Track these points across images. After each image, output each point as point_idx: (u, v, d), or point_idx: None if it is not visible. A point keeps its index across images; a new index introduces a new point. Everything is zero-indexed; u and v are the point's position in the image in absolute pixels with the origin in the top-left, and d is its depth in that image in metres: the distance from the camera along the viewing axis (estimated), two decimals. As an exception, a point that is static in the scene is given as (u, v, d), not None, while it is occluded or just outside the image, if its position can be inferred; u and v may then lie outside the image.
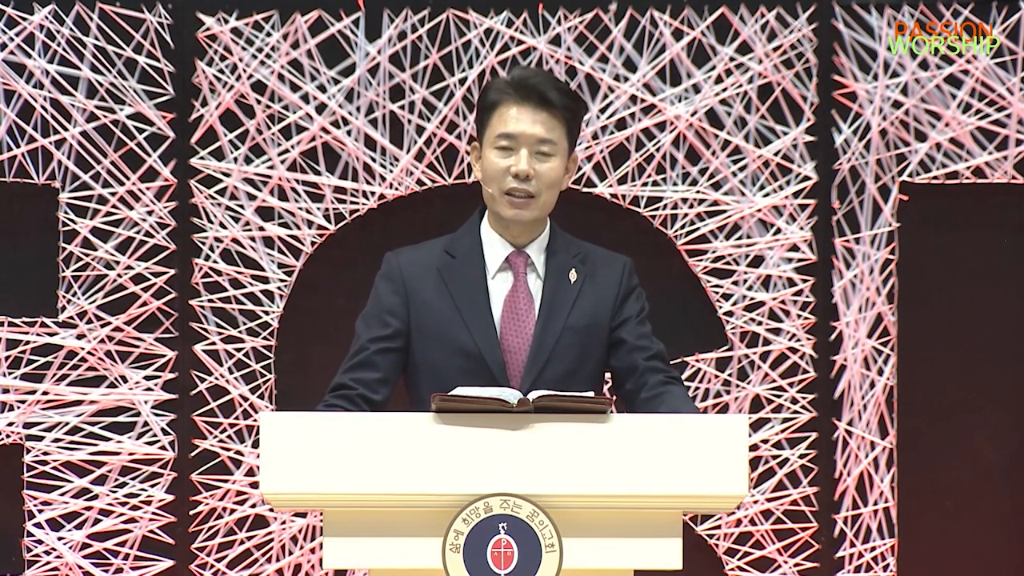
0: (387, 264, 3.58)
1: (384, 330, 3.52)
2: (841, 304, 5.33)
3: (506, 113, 3.49)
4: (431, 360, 3.50)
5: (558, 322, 3.50)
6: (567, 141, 3.51)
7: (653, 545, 3.03)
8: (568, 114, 3.50)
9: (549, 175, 3.49)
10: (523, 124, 3.48)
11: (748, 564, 5.33)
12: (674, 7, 5.31)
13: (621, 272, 3.59)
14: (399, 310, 3.52)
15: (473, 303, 3.50)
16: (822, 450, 5.33)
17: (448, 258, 3.55)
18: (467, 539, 2.98)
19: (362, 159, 5.30)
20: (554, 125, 3.49)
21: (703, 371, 5.33)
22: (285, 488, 3.00)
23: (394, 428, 3.01)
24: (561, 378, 3.44)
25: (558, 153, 3.50)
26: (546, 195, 3.50)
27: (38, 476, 5.25)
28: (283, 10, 5.28)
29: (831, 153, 5.34)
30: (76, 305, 5.24)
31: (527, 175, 3.48)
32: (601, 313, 3.54)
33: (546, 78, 3.51)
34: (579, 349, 3.51)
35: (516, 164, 3.47)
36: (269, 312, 5.29)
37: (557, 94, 3.49)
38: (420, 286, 3.53)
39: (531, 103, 3.48)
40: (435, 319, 3.50)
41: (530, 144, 3.48)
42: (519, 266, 3.54)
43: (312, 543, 5.30)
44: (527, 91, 3.48)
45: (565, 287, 3.53)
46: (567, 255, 3.56)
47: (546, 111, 3.48)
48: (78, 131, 5.25)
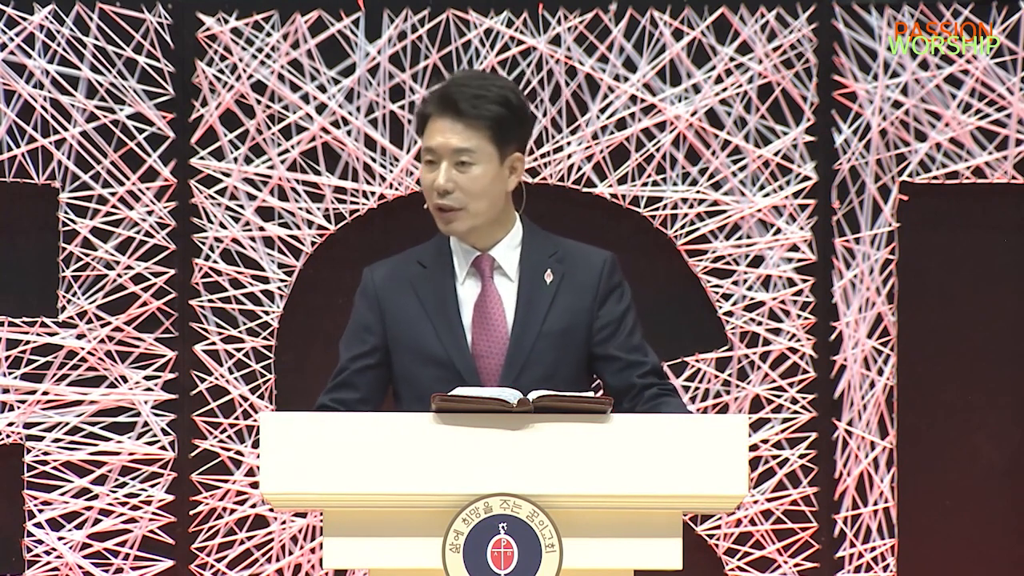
0: (364, 281, 3.55)
1: (362, 347, 3.50)
2: (841, 304, 5.33)
3: (431, 126, 3.43)
4: (408, 372, 3.47)
5: (533, 327, 3.44)
6: (493, 146, 3.41)
7: (653, 545, 3.03)
8: (488, 121, 3.40)
9: (472, 185, 3.41)
10: (440, 136, 3.41)
11: (748, 564, 5.33)
12: (674, 7, 5.31)
13: (600, 270, 3.49)
14: (375, 326, 3.50)
15: (442, 311, 3.46)
16: (822, 450, 5.33)
17: (420, 268, 3.50)
18: (467, 539, 2.98)
19: (362, 159, 5.30)
20: (471, 134, 3.40)
21: (703, 371, 5.33)
22: (285, 488, 3.00)
23: (394, 428, 3.01)
24: (538, 383, 3.33)
25: (480, 161, 3.41)
26: (475, 204, 3.42)
27: (38, 476, 5.25)
28: (283, 10, 5.28)
29: (831, 153, 5.34)
30: (76, 305, 5.24)
31: (444, 190, 3.41)
32: (579, 316, 3.47)
33: (464, 85, 3.43)
34: (556, 353, 3.44)
35: (436, 178, 3.42)
36: (269, 312, 5.29)
37: (471, 102, 3.40)
38: (393, 300, 3.50)
39: (449, 114, 3.41)
40: (407, 330, 3.47)
41: (448, 156, 3.41)
42: (485, 269, 3.48)
43: (312, 543, 5.30)
44: (443, 101, 3.42)
45: (540, 289, 3.46)
46: (542, 254, 3.49)
47: (462, 121, 3.40)
48: (78, 131, 5.25)
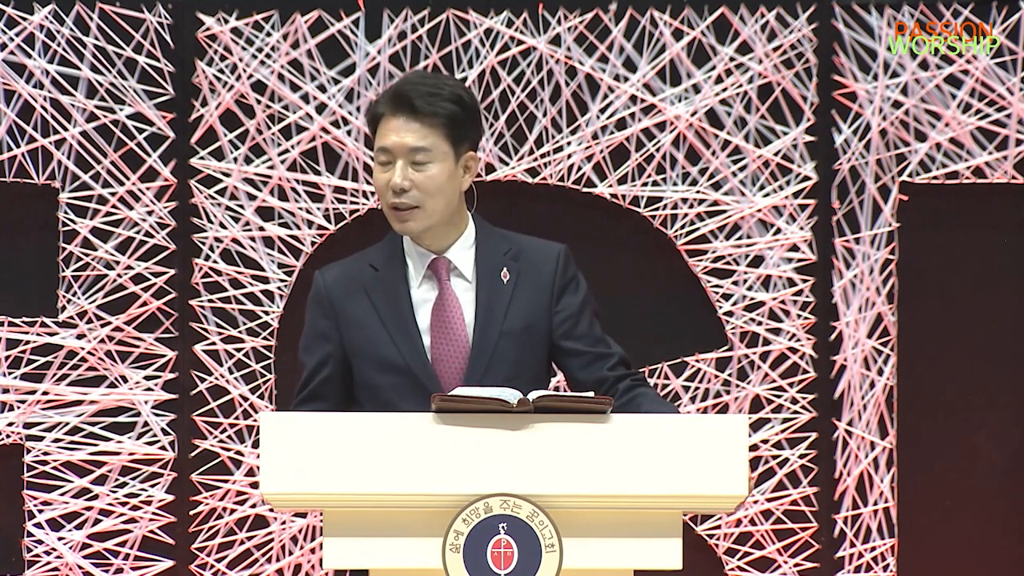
0: (315, 286, 3.53)
1: (321, 356, 3.49)
2: (841, 304, 5.33)
3: (384, 126, 3.42)
4: (367, 379, 3.46)
5: (494, 328, 3.43)
6: (448, 144, 3.41)
7: (653, 545, 3.03)
8: (443, 119, 3.41)
9: (428, 183, 3.40)
10: (395, 135, 3.41)
11: (748, 564, 5.33)
12: (674, 7, 5.31)
13: (555, 263, 3.49)
14: (331, 332, 3.49)
15: (398, 317, 3.44)
16: (822, 450, 5.33)
17: (372, 271, 3.48)
18: (467, 539, 2.98)
19: (362, 159, 5.30)
20: (427, 132, 3.40)
21: (703, 371, 5.33)
22: (285, 488, 3.00)
23: (394, 428, 3.01)
24: (501, 385, 3.29)
25: (436, 159, 3.41)
26: (431, 203, 3.41)
27: (38, 476, 5.25)
28: (283, 10, 5.28)
29: (831, 153, 5.34)
30: (76, 305, 5.24)
31: (401, 188, 3.40)
32: (538, 312, 3.47)
33: (417, 84, 3.43)
34: (518, 353, 3.44)
35: (391, 177, 3.41)
36: (269, 312, 5.29)
37: (425, 100, 3.40)
38: (347, 305, 3.48)
39: (403, 113, 3.41)
40: (363, 337, 3.46)
41: (404, 155, 3.40)
42: (442, 273, 3.46)
43: (312, 543, 5.30)
44: (396, 100, 3.41)
45: (498, 289, 3.45)
46: (497, 253, 3.48)
47: (417, 120, 3.40)
48: (78, 131, 5.25)
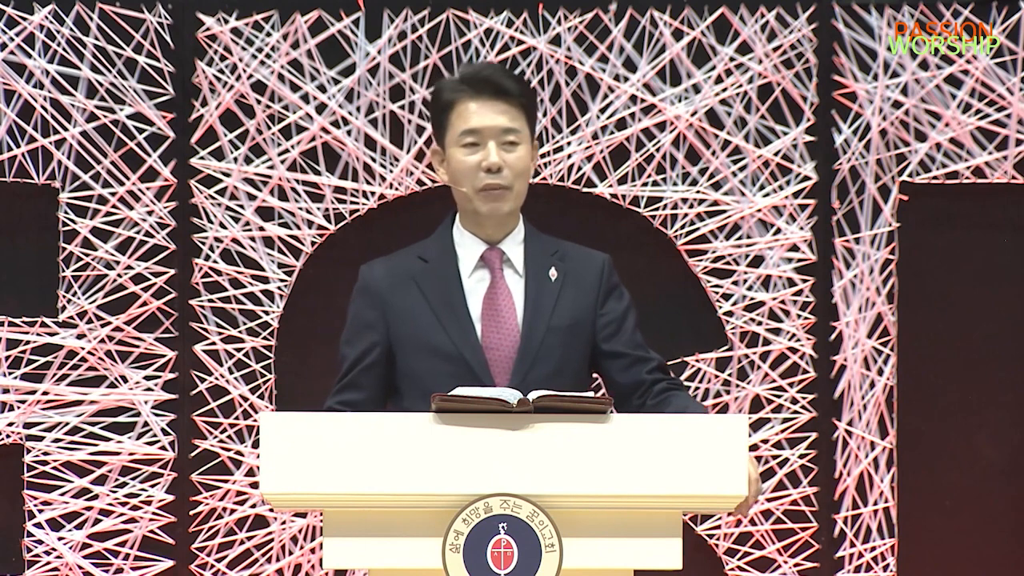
0: (362, 278, 3.54)
1: (365, 346, 3.49)
2: (841, 304, 5.33)
3: (465, 110, 3.45)
4: (413, 369, 3.46)
5: (542, 322, 3.46)
6: (528, 128, 3.48)
7: (653, 545, 3.03)
8: (526, 100, 3.47)
9: (519, 164, 3.46)
10: (486, 118, 3.45)
11: (748, 564, 5.33)
12: (674, 7, 5.31)
13: (600, 270, 3.54)
14: (378, 323, 3.49)
15: (449, 304, 3.46)
16: (822, 450, 5.33)
17: (422, 263, 3.51)
18: (467, 539, 2.98)
19: (362, 159, 5.30)
20: (516, 114, 3.46)
21: (703, 371, 5.33)
22: (285, 488, 3.00)
23: (394, 428, 3.01)
24: (547, 378, 3.38)
25: (523, 141, 3.47)
26: (519, 184, 3.47)
27: (38, 476, 5.25)
28: (283, 10, 5.28)
29: (831, 153, 5.34)
30: (76, 305, 5.24)
31: (499, 167, 3.44)
32: (583, 313, 3.50)
33: (497, 69, 3.49)
34: (563, 349, 3.46)
35: (486, 158, 3.44)
36: (269, 312, 5.29)
37: (512, 83, 3.46)
38: (396, 296, 3.49)
39: (488, 95, 3.44)
40: (413, 326, 3.46)
41: (496, 136, 3.45)
42: (495, 262, 3.50)
43: (312, 543, 5.30)
44: (482, 84, 3.45)
45: (546, 286, 3.49)
46: (545, 253, 3.52)
47: (504, 101, 3.45)
48: (78, 131, 5.25)
